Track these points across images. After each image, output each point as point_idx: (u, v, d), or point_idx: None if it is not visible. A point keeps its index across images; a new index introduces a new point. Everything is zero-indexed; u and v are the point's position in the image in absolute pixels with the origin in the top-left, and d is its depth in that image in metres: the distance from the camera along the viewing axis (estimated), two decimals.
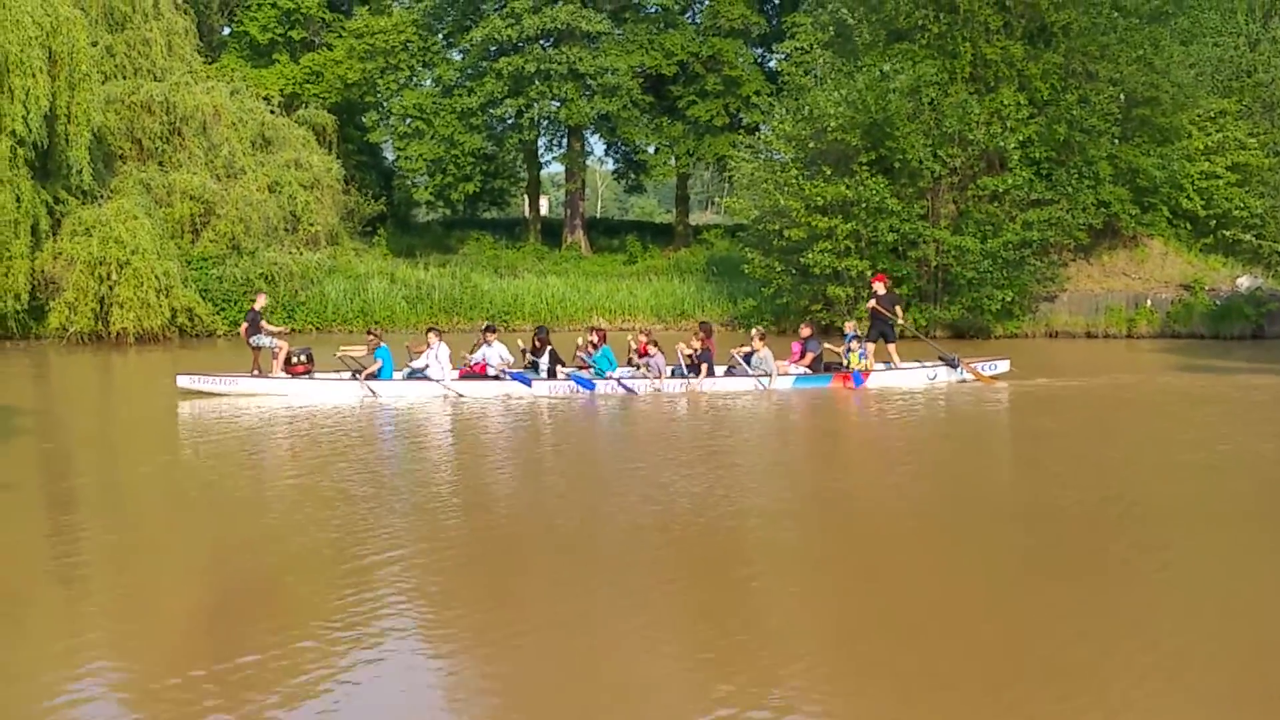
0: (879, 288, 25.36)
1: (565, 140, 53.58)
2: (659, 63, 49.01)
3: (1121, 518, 12.44)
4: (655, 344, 23.17)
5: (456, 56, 52.03)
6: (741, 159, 39.18)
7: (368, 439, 18.43)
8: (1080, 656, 8.17)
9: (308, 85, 51.91)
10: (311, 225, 42.10)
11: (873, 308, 24.85)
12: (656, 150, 53.60)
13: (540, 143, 54.46)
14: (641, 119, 50.39)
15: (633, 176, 59.12)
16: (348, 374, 22.80)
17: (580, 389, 22.27)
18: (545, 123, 52.02)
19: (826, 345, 24.30)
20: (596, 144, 59.46)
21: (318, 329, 37.19)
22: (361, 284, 40.88)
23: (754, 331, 24.05)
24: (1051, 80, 35.20)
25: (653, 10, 51.06)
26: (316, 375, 23.01)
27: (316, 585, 10.40)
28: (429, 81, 52.42)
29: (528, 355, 23.17)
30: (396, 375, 22.69)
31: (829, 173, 34.54)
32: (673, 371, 22.95)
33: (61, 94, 34.17)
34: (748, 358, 22.96)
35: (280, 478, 15.56)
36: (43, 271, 34.86)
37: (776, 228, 35.66)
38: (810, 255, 34.44)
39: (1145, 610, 9.39)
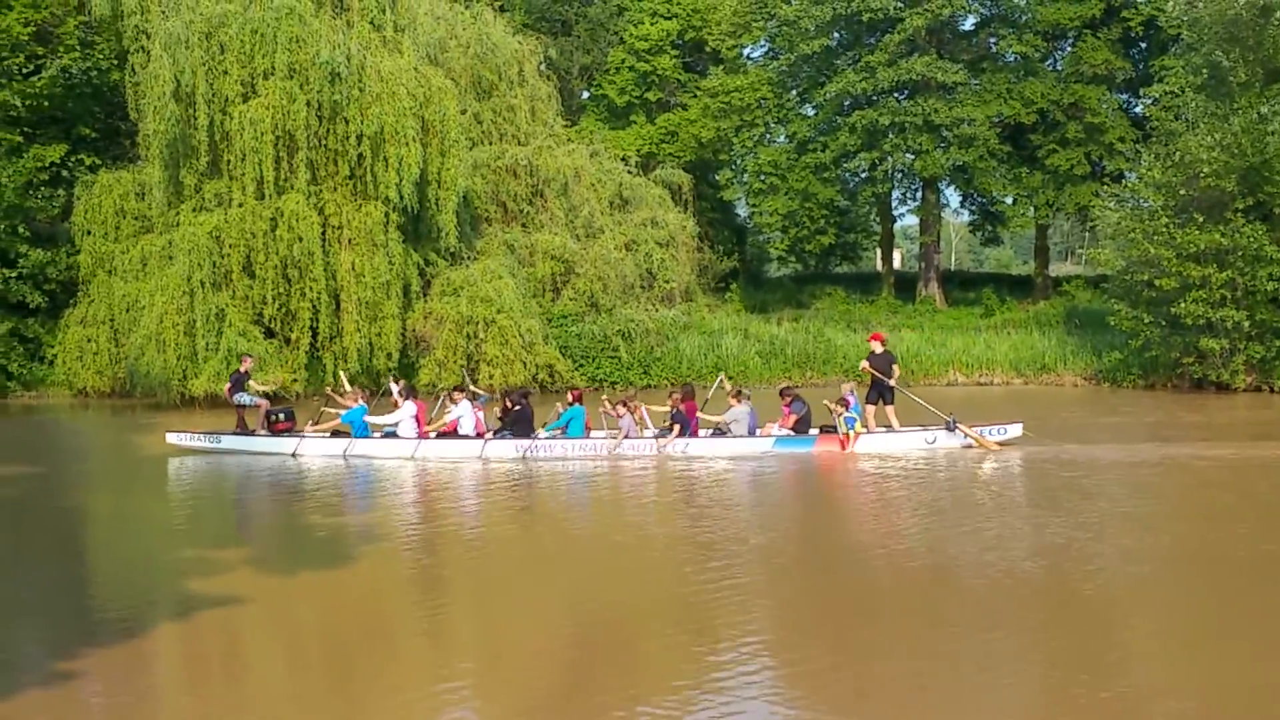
0: (875, 346, 23.79)
1: (920, 192, 52.86)
2: (1017, 111, 47.77)
3: None
4: (625, 404, 22.91)
5: (810, 112, 52.12)
6: (1106, 207, 37.71)
7: (686, 489, 18.61)
8: None
9: (663, 145, 53.10)
10: (667, 282, 42.82)
11: (866, 367, 23.43)
12: (1014, 201, 52.28)
13: (894, 195, 53.93)
14: (999, 169, 49.20)
15: (989, 228, 57.78)
16: (328, 432, 23.52)
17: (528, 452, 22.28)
18: (899, 175, 51.47)
19: (826, 402, 22.85)
20: (952, 195, 58.47)
21: (672, 384, 37.72)
22: (715, 340, 41.26)
23: (730, 388, 23.61)
24: None
25: (1011, 59, 49.94)
26: (306, 435, 23.65)
27: (663, 633, 10.47)
28: (783, 138, 52.67)
29: (497, 415, 23.38)
30: (376, 435, 23.07)
31: (1201, 220, 32.90)
32: (657, 433, 22.64)
33: (432, 161, 35.94)
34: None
35: (616, 527, 16.06)
36: (413, 330, 36.52)
37: (1145, 278, 34.16)
38: (1182, 306, 32.82)
39: None
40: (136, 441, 24.59)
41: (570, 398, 23.42)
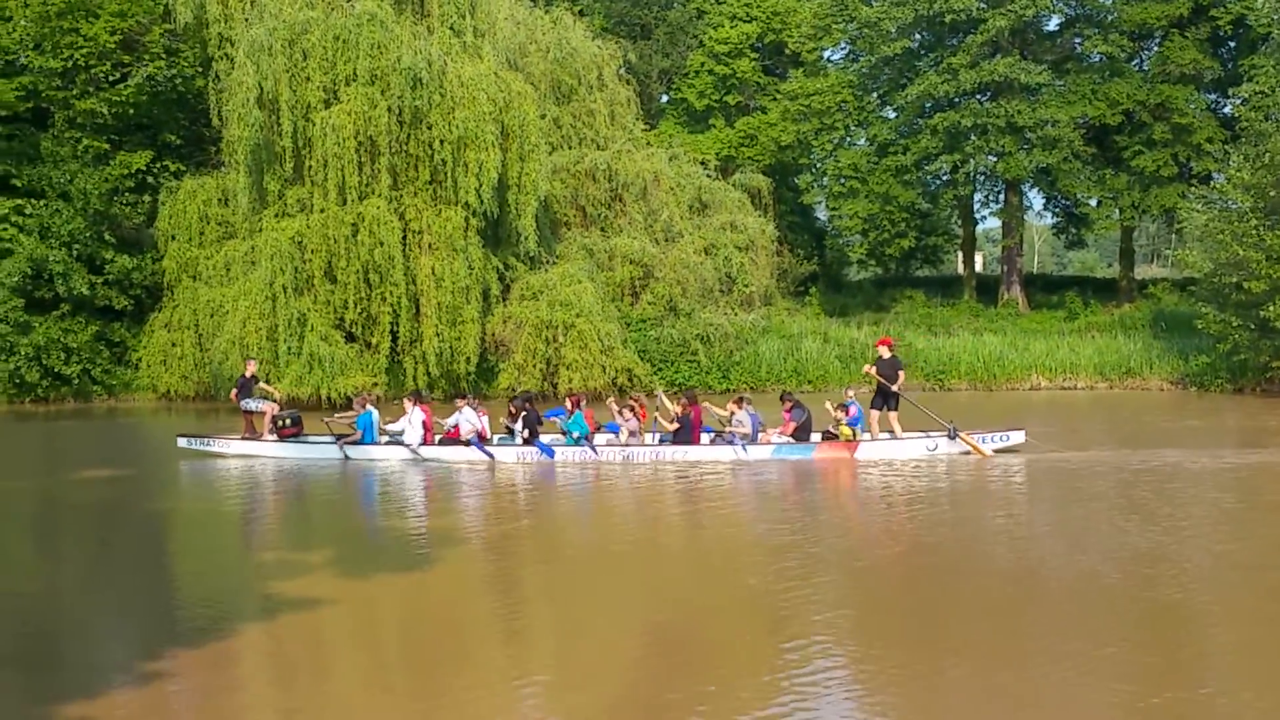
0: (883, 351, 23.69)
1: (1002, 195, 52.29)
2: (1102, 112, 47.09)
3: None
4: (629, 409, 22.98)
5: (891, 115, 51.74)
6: (1193, 209, 37.18)
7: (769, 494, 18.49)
8: None
9: (743, 148, 53.05)
10: (746, 286, 42.69)
11: (871, 372, 23.20)
12: (1099, 203, 51.44)
13: (976, 198, 53.39)
14: (1083, 171, 48.54)
15: (1073, 230, 56.99)
16: (332, 437, 23.63)
17: (542, 455, 22.41)
18: (981, 177, 50.95)
19: (825, 404, 22.95)
20: (1035, 198, 57.73)
21: (752, 388, 37.46)
22: (795, 344, 41.04)
23: (732, 398, 23.75)
24: None
25: (1096, 59, 49.24)
26: (309, 439, 23.99)
27: (745, 636, 10.43)
28: (863, 140, 52.34)
29: (504, 422, 23.30)
30: (381, 439, 23.24)
31: None
32: (660, 439, 22.79)
33: (512, 165, 36.05)
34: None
35: (691, 530, 16.08)
36: (492, 335, 36.64)
37: (1233, 280, 33.64)
38: (1271, 309, 32.27)
39: None
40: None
41: (569, 404, 23.52)
